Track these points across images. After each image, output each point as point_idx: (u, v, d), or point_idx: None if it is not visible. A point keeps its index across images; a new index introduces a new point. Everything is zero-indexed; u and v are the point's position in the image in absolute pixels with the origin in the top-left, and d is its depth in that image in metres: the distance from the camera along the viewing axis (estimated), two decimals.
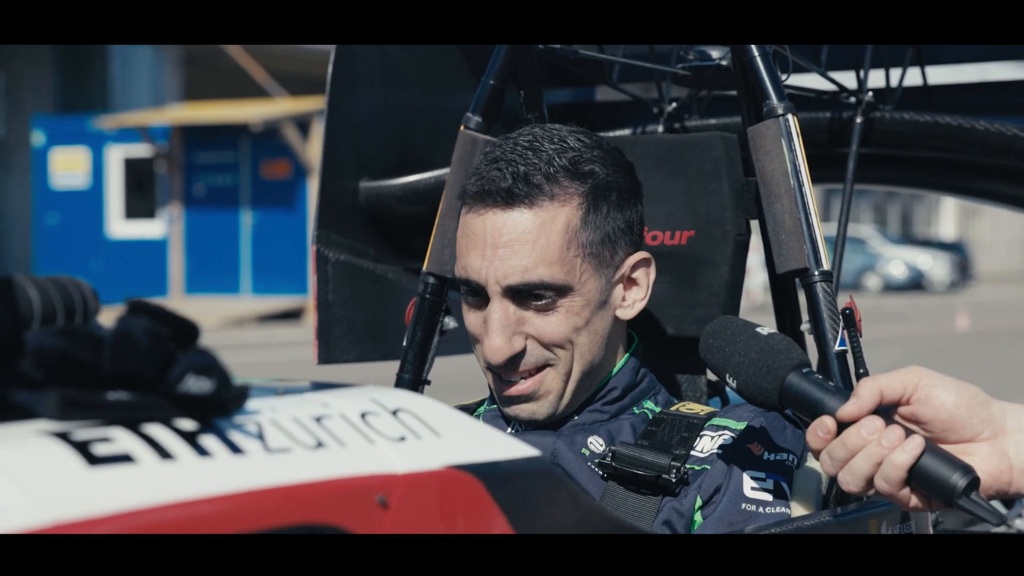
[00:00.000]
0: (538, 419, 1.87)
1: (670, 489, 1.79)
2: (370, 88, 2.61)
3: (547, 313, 1.82)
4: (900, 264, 34.70)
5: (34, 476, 1.00)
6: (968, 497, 1.42)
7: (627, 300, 1.89)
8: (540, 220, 1.81)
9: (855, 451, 1.45)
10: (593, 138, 1.90)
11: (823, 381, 1.53)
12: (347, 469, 1.18)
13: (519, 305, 1.82)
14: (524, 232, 1.80)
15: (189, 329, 1.14)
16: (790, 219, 2.00)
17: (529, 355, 1.83)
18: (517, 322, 1.82)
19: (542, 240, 1.80)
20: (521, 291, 1.81)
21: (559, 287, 1.81)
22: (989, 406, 1.47)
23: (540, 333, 1.83)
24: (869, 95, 2.44)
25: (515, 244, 1.80)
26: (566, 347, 1.83)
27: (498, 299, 1.82)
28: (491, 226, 1.81)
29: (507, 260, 1.80)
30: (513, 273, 1.80)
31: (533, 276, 1.80)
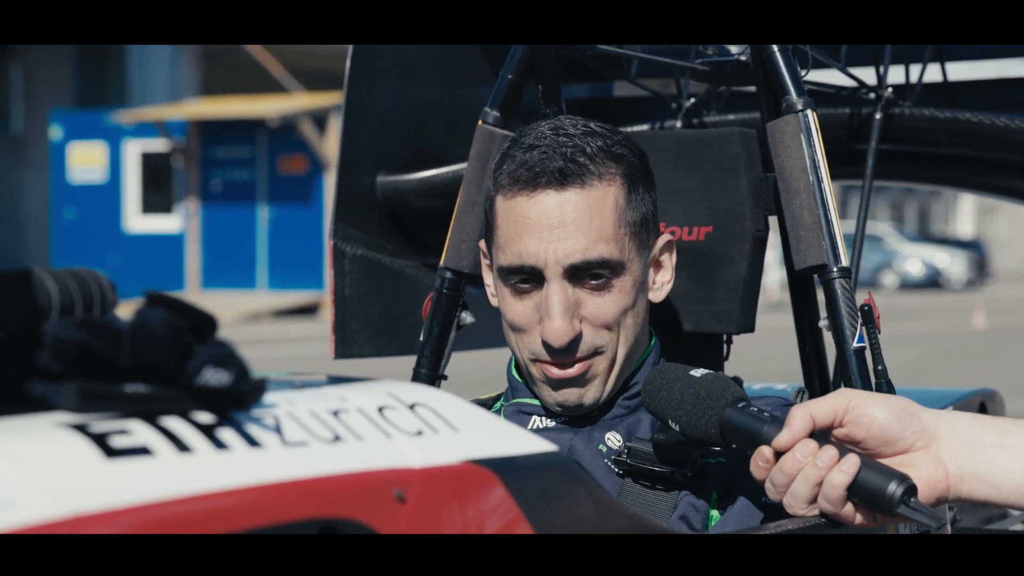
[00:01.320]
0: (585, 404, 1.86)
1: (686, 484, 1.79)
2: (387, 83, 2.60)
3: (602, 293, 1.83)
4: (917, 262, 34.61)
5: (52, 468, 1.00)
6: (907, 504, 1.47)
7: (656, 283, 1.91)
8: (592, 199, 1.82)
9: (793, 475, 1.51)
10: (612, 127, 1.92)
11: (759, 413, 1.58)
12: (364, 463, 1.18)
13: (576, 285, 1.82)
14: (581, 211, 1.81)
15: (207, 321, 1.14)
16: (809, 215, 2.00)
17: (583, 340, 1.83)
18: (575, 303, 1.82)
19: (597, 218, 1.81)
20: (580, 271, 1.81)
21: (615, 264, 1.82)
22: (920, 416, 1.52)
23: (595, 314, 1.83)
24: (889, 91, 2.43)
25: (572, 223, 1.81)
26: (614, 329, 1.84)
27: (557, 281, 1.81)
28: (546, 208, 1.82)
29: (566, 240, 1.80)
30: (574, 252, 1.80)
31: (593, 254, 1.81)
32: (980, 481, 1.51)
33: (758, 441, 1.56)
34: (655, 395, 1.65)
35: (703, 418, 1.60)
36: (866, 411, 1.51)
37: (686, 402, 1.61)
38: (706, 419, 1.60)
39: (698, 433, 1.61)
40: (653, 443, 1.80)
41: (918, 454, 1.52)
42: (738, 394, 1.61)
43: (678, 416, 1.62)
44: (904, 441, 1.51)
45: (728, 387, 1.61)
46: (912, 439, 1.51)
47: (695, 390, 1.61)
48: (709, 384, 1.61)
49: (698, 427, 1.61)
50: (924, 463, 1.51)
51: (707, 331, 2.12)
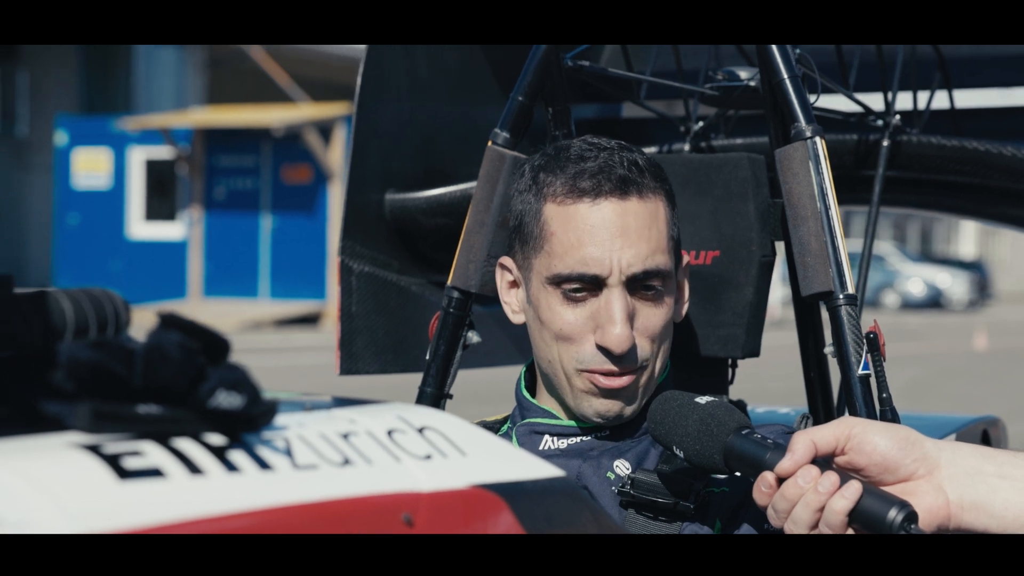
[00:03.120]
0: (624, 415, 1.88)
1: (689, 515, 1.79)
2: (398, 100, 2.61)
3: (654, 304, 1.85)
4: (919, 282, 34.61)
5: (65, 488, 1.01)
6: (907, 531, 1.48)
7: (679, 303, 1.93)
8: (649, 209, 1.85)
9: (795, 501, 1.52)
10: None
11: (762, 440, 1.58)
12: (373, 487, 1.18)
13: (633, 295, 1.84)
14: (642, 220, 1.84)
15: (220, 344, 1.14)
16: (816, 242, 2.01)
17: (636, 350, 1.85)
18: (632, 313, 1.84)
19: (655, 229, 1.85)
20: (639, 280, 1.83)
21: (667, 275, 1.86)
22: (922, 445, 1.53)
23: (646, 325, 1.85)
24: (896, 118, 2.44)
25: (634, 232, 1.83)
26: (658, 342, 1.86)
27: (619, 288, 1.83)
28: (610, 215, 1.84)
29: (630, 248, 1.83)
30: (637, 261, 1.83)
31: (652, 263, 1.83)
32: (980, 511, 1.52)
33: (761, 467, 1.56)
34: (660, 422, 1.66)
35: (707, 445, 1.61)
36: (868, 439, 1.52)
37: (690, 429, 1.62)
38: (710, 446, 1.61)
39: (702, 460, 1.62)
40: (657, 474, 1.81)
41: (920, 482, 1.53)
42: (742, 421, 1.62)
43: (682, 443, 1.63)
44: (906, 469, 1.52)
45: (732, 414, 1.62)
46: (914, 467, 1.52)
47: (699, 417, 1.62)
48: (713, 411, 1.62)
49: (702, 454, 1.62)
50: (925, 491, 1.52)
51: (712, 355, 2.13)
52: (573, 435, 1.90)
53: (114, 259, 21.99)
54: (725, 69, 2.33)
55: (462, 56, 2.69)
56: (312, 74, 25.39)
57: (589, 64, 2.31)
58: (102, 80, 24.74)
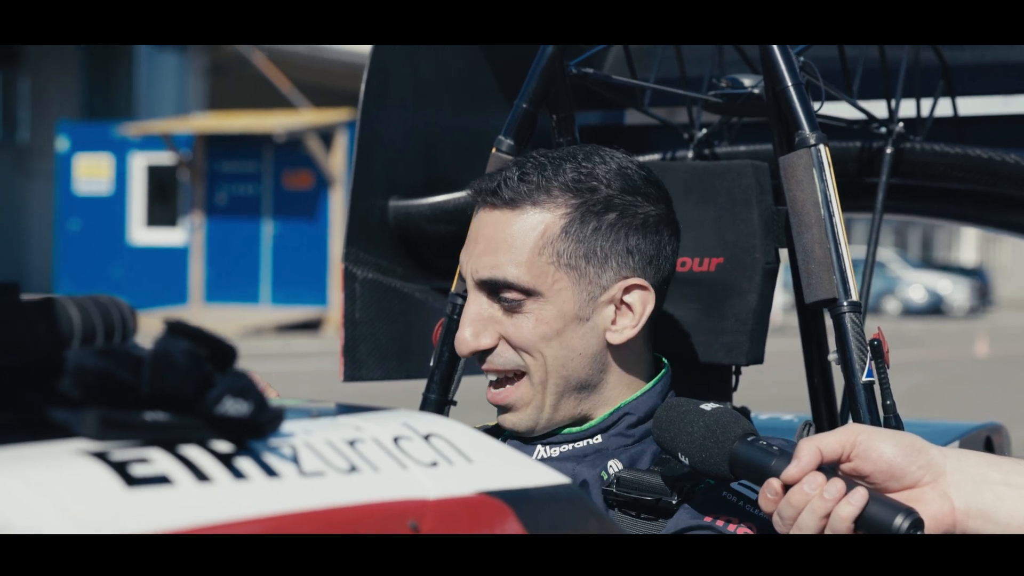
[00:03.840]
0: (520, 430, 1.90)
1: (670, 511, 1.79)
2: (402, 107, 2.62)
3: (515, 315, 1.86)
4: (920, 288, 34.61)
5: (72, 495, 1.01)
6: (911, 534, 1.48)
7: (617, 324, 1.89)
8: (518, 222, 1.86)
9: (801, 508, 1.52)
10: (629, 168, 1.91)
11: (768, 447, 1.58)
12: (380, 494, 1.19)
13: (494, 303, 1.87)
14: (501, 230, 1.86)
15: (227, 351, 1.15)
16: (820, 249, 2.01)
17: (499, 355, 1.88)
18: (489, 319, 1.88)
19: (516, 241, 1.85)
20: (492, 288, 1.87)
21: (525, 289, 1.85)
22: (928, 452, 1.53)
23: (508, 334, 1.87)
24: (900, 125, 2.44)
25: (491, 241, 1.87)
26: (535, 355, 1.86)
27: (474, 293, 1.89)
28: (479, 223, 1.90)
29: (483, 256, 1.87)
30: (484, 268, 1.86)
31: (499, 273, 1.85)
32: (986, 518, 1.52)
33: (767, 474, 1.56)
34: (665, 429, 1.66)
35: (713, 452, 1.61)
36: (874, 446, 1.53)
37: (696, 436, 1.62)
38: (716, 453, 1.61)
39: (707, 467, 1.62)
40: (647, 473, 1.81)
41: (925, 489, 1.53)
42: (747, 428, 1.62)
43: (688, 450, 1.63)
44: (911, 476, 1.52)
45: (737, 421, 1.62)
46: (919, 474, 1.52)
47: (705, 424, 1.62)
48: (718, 418, 1.62)
49: (707, 461, 1.62)
50: (931, 498, 1.52)
51: (716, 362, 2.13)
52: (564, 443, 1.90)
53: (115, 265, 22.00)
54: (729, 76, 2.34)
55: (466, 62, 2.69)
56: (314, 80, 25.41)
57: (593, 71, 2.31)
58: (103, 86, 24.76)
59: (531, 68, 2.22)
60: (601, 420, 1.90)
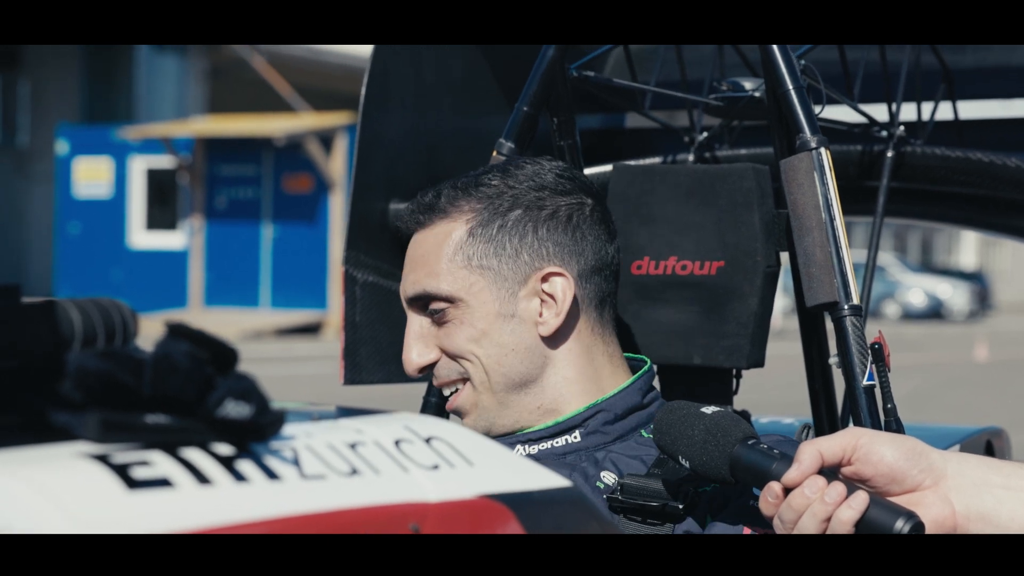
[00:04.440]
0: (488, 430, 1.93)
1: (678, 516, 1.80)
2: (402, 110, 2.61)
3: (445, 324, 1.91)
4: (919, 292, 34.61)
5: (73, 498, 1.01)
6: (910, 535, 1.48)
7: (543, 316, 1.92)
8: (432, 236, 1.93)
9: (801, 511, 1.52)
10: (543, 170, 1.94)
11: (768, 450, 1.58)
12: (381, 497, 1.19)
13: (426, 319, 1.94)
14: (418, 248, 1.94)
15: (229, 354, 1.15)
16: (821, 253, 2.01)
17: (442, 367, 1.94)
18: (429, 335, 1.94)
19: (429, 255, 1.92)
20: (420, 304, 1.93)
21: (445, 297, 1.90)
22: (928, 455, 1.53)
23: (443, 344, 1.92)
24: (901, 129, 2.44)
25: (412, 260, 1.94)
26: (470, 359, 1.91)
27: (409, 314, 1.95)
28: (407, 248, 1.97)
29: (407, 275, 1.94)
30: (409, 286, 1.94)
31: (419, 287, 1.92)
32: (986, 522, 1.52)
33: (767, 477, 1.56)
34: (666, 432, 1.66)
35: (713, 456, 1.61)
36: (875, 449, 1.53)
37: (696, 439, 1.62)
38: (716, 456, 1.61)
39: (707, 470, 1.62)
40: (648, 478, 1.81)
41: (926, 492, 1.53)
42: (748, 431, 1.62)
43: (688, 453, 1.63)
44: (912, 479, 1.52)
45: (738, 424, 1.62)
46: (920, 478, 1.52)
47: (705, 427, 1.62)
48: (719, 421, 1.62)
49: (708, 464, 1.62)
50: (932, 501, 1.52)
51: (717, 365, 2.13)
52: (542, 439, 1.91)
53: (115, 268, 22.00)
54: (729, 80, 2.34)
55: (468, 65, 2.69)
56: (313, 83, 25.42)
57: (594, 74, 2.31)
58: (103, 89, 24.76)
59: (532, 71, 2.22)
60: (573, 415, 1.90)
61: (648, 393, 1.95)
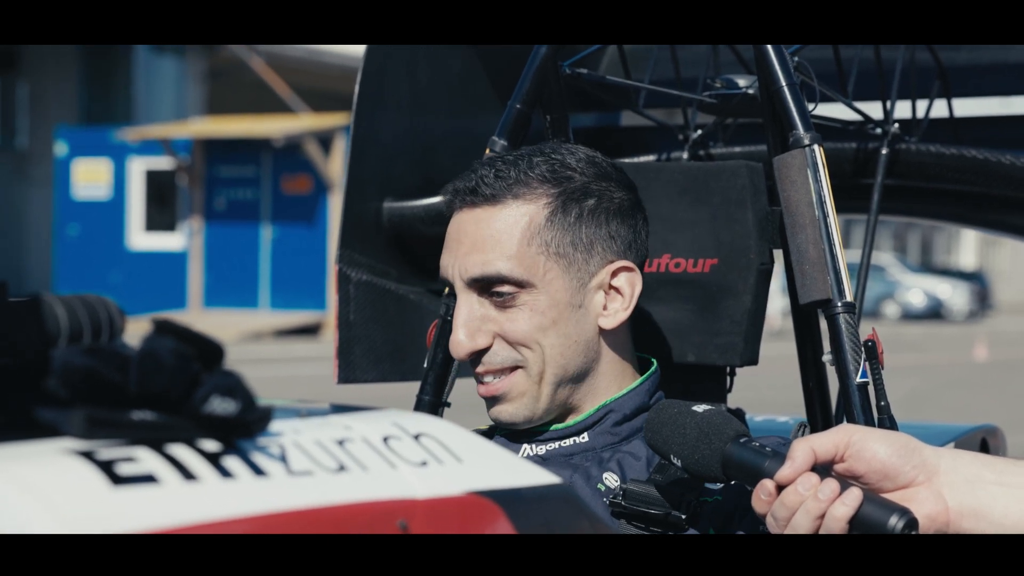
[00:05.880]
0: (517, 422, 1.89)
1: (680, 525, 1.79)
2: (396, 109, 2.61)
3: (509, 309, 1.86)
4: (919, 292, 34.61)
5: (58, 494, 1.00)
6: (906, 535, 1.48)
7: (608, 309, 1.90)
8: (502, 216, 1.86)
9: (795, 508, 1.51)
10: (596, 156, 1.94)
11: (761, 448, 1.58)
12: (369, 493, 1.18)
13: (485, 301, 1.87)
14: (486, 227, 1.86)
15: (215, 350, 1.14)
16: (814, 250, 2.01)
17: (495, 354, 1.88)
18: (483, 319, 1.87)
19: (503, 235, 1.86)
20: (483, 285, 1.86)
21: (518, 281, 1.85)
22: (921, 452, 1.53)
23: (504, 330, 1.87)
24: (895, 126, 2.44)
25: (478, 239, 1.86)
26: (532, 347, 1.86)
27: (464, 294, 1.88)
28: (460, 224, 1.89)
29: (470, 254, 1.86)
30: (474, 266, 1.86)
31: (491, 269, 1.85)
32: (979, 518, 1.52)
33: (760, 475, 1.56)
34: (657, 431, 1.65)
35: (705, 454, 1.60)
36: (868, 446, 1.52)
37: (688, 438, 1.62)
38: (708, 455, 1.60)
39: (700, 469, 1.62)
40: (650, 483, 1.80)
41: (919, 488, 1.52)
42: (740, 429, 1.61)
43: (680, 452, 1.63)
44: (905, 476, 1.52)
45: (730, 423, 1.62)
46: (913, 474, 1.52)
47: (697, 425, 1.62)
48: (711, 419, 1.62)
49: (700, 463, 1.61)
50: (925, 497, 1.52)
51: (711, 363, 2.12)
52: (550, 440, 1.90)
53: (114, 270, 22.00)
54: (723, 77, 2.33)
55: (462, 64, 2.69)
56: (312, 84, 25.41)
57: (587, 72, 2.31)
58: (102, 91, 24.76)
59: (525, 68, 2.22)
60: (586, 417, 1.90)
61: (655, 394, 1.95)
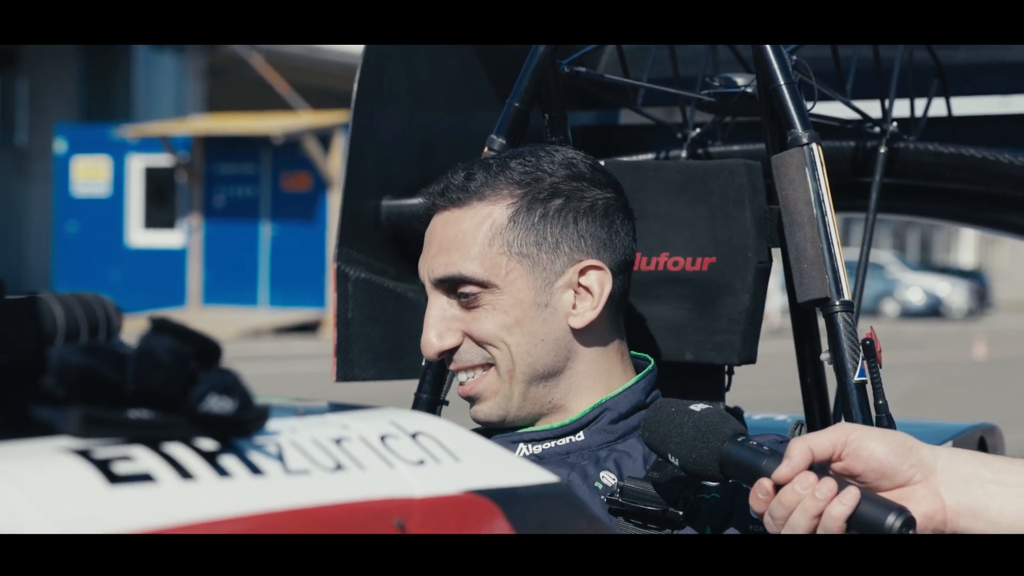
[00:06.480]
0: (493, 421, 1.91)
1: (678, 522, 1.79)
2: (395, 107, 2.61)
3: (474, 309, 1.89)
4: (918, 290, 34.61)
5: (55, 493, 1.00)
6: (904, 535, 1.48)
7: (577, 308, 1.91)
8: (466, 218, 1.89)
9: (792, 507, 1.51)
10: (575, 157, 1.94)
11: (758, 447, 1.58)
12: (366, 492, 1.18)
13: (453, 302, 1.90)
14: (452, 229, 1.89)
15: (212, 348, 1.14)
16: (812, 248, 2.00)
17: (464, 352, 1.90)
18: (452, 319, 1.90)
19: (466, 237, 1.88)
20: (449, 285, 1.89)
21: (480, 282, 1.87)
22: (918, 451, 1.53)
23: (470, 329, 1.89)
24: (893, 125, 2.44)
25: (443, 241, 1.90)
26: (499, 346, 1.88)
27: (433, 295, 1.91)
28: (432, 227, 1.93)
29: (436, 256, 1.90)
30: (439, 267, 1.89)
31: (453, 270, 1.88)
32: (976, 516, 1.52)
33: (757, 474, 1.56)
34: (654, 430, 1.65)
35: (703, 453, 1.60)
36: (865, 445, 1.52)
37: (686, 437, 1.62)
38: (705, 454, 1.60)
39: (697, 468, 1.62)
40: (647, 481, 1.80)
41: (916, 487, 1.52)
42: (737, 428, 1.61)
43: (678, 451, 1.63)
44: (902, 475, 1.52)
45: (727, 421, 1.62)
46: (910, 473, 1.52)
47: (694, 424, 1.62)
48: (708, 418, 1.62)
49: (697, 462, 1.61)
50: (922, 496, 1.52)
51: (708, 362, 2.12)
52: (547, 439, 1.90)
53: (113, 267, 21.99)
54: (722, 76, 2.33)
55: (461, 63, 2.69)
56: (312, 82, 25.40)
57: (586, 70, 2.30)
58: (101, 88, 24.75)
59: (523, 66, 2.22)
60: (581, 415, 1.90)
61: (651, 392, 1.95)
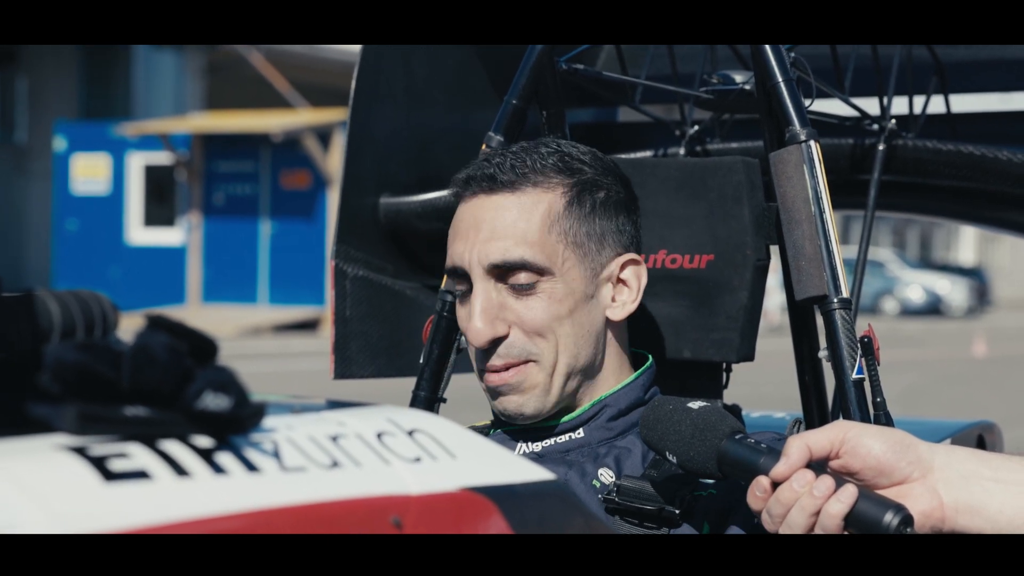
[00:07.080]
0: (525, 413, 1.87)
1: (674, 520, 1.79)
2: (393, 104, 2.61)
3: (528, 297, 1.84)
4: (918, 288, 34.62)
5: (50, 491, 1.00)
6: (903, 534, 1.48)
7: (616, 301, 1.91)
8: (521, 203, 1.86)
9: (790, 505, 1.51)
10: (592, 150, 1.95)
11: (756, 444, 1.58)
12: (362, 489, 1.18)
13: (503, 289, 1.85)
14: (507, 214, 1.85)
15: (208, 345, 1.14)
16: (810, 245, 2.00)
17: (512, 345, 1.85)
18: (500, 307, 1.85)
19: (522, 222, 1.85)
20: (503, 272, 1.84)
21: (539, 268, 1.84)
22: (916, 448, 1.53)
23: (522, 319, 1.85)
24: (892, 122, 2.44)
25: (497, 225, 1.85)
26: (548, 337, 1.85)
27: (481, 282, 1.85)
28: (475, 211, 1.87)
29: (489, 241, 1.84)
30: (494, 252, 1.84)
31: (513, 255, 1.83)
32: (975, 514, 1.52)
33: (755, 472, 1.56)
34: (652, 428, 1.65)
35: (700, 451, 1.60)
36: (863, 442, 1.52)
37: (683, 435, 1.61)
38: (703, 452, 1.60)
39: (695, 465, 1.62)
40: (644, 479, 1.80)
41: (914, 485, 1.52)
42: (735, 426, 1.61)
43: (675, 449, 1.63)
44: (900, 472, 1.52)
45: (725, 419, 1.61)
46: (908, 470, 1.52)
47: (692, 422, 1.61)
48: (706, 416, 1.62)
49: (695, 459, 1.61)
50: (920, 494, 1.52)
51: (707, 359, 2.12)
52: (546, 437, 1.90)
53: (113, 265, 21.99)
54: (720, 73, 2.33)
55: (457, 60, 2.69)
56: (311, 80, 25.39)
57: (584, 67, 2.30)
58: (101, 86, 24.74)
59: (521, 64, 2.22)
60: (581, 412, 1.90)
61: (650, 389, 1.95)
